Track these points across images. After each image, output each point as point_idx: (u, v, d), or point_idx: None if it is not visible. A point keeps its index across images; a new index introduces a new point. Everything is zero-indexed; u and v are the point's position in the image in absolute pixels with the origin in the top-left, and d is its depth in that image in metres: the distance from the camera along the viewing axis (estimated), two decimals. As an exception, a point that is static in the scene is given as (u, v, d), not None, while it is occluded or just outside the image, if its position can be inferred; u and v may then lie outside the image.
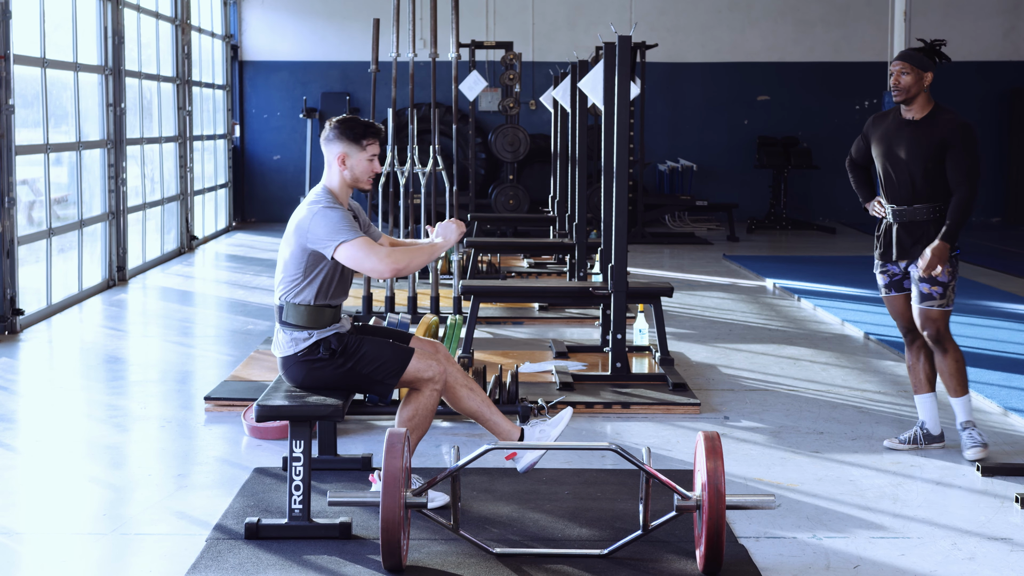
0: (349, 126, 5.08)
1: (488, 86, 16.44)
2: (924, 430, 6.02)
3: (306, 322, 5.00)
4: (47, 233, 9.97)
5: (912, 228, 5.79)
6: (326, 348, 4.99)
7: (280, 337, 5.07)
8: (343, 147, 5.07)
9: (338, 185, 5.09)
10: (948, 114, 5.75)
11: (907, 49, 5.83)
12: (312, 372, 5.02)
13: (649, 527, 4.54)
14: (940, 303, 5.77)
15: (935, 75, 5.83)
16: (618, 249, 7.23)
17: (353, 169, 5.08)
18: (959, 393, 5.87)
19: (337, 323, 5.07)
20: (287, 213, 17.88)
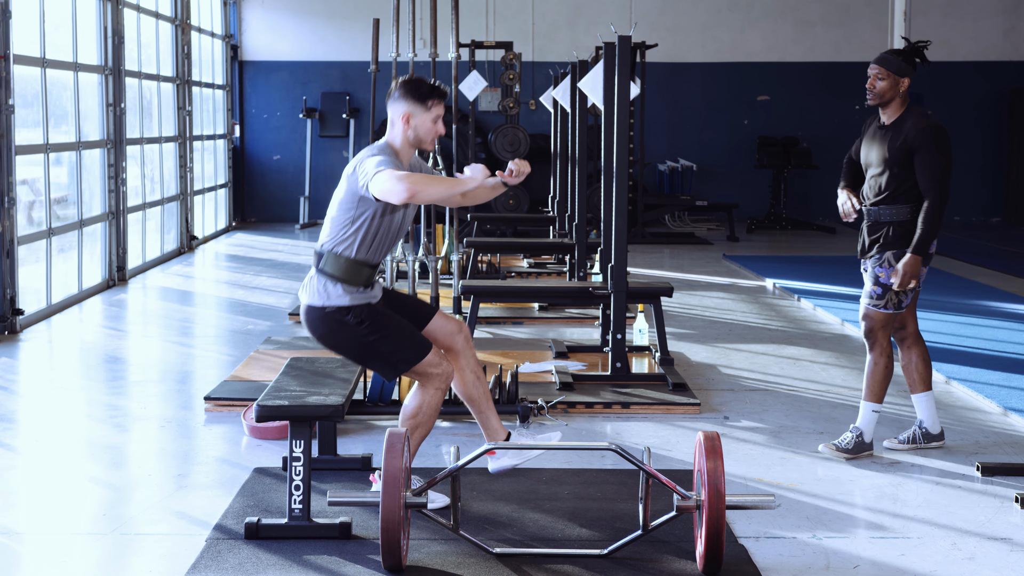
0: (415, 86, 5.08)
1: (488, 86, 16.46)
2: (923, 429, 6.02)
3: (343, 275, 4.97)
4: (47, 233, 9.97)
5: (874, 228, 5.82)
6: (356, 316, 4.97)
7: (313, 284, 5.01)
8: (408, 106, 5.06)
9: (400, 143, 5.08)
10: (917, 118, 5.73)
11: (886, 52, 5.80)
12: (334, 331, 4.98)
13: (649, 527, 4.54)
14: (876, 303, 5.78)
15: (933, 75, 5.83)
16: (618, 249, 7.23)
17: (417, 129, 5.07)
18: (866, 397, 5.85)
19: (371, 289, 5.05)
20: (287, 213, 17.91)
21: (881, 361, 5.83)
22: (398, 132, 5.08)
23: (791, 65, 18.21)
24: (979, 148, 18.32)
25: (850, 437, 5.85)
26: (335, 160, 17.91)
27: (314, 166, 17.85)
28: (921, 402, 6.01)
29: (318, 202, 17.82)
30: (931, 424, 6.02)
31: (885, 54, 5.78)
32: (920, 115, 5.75)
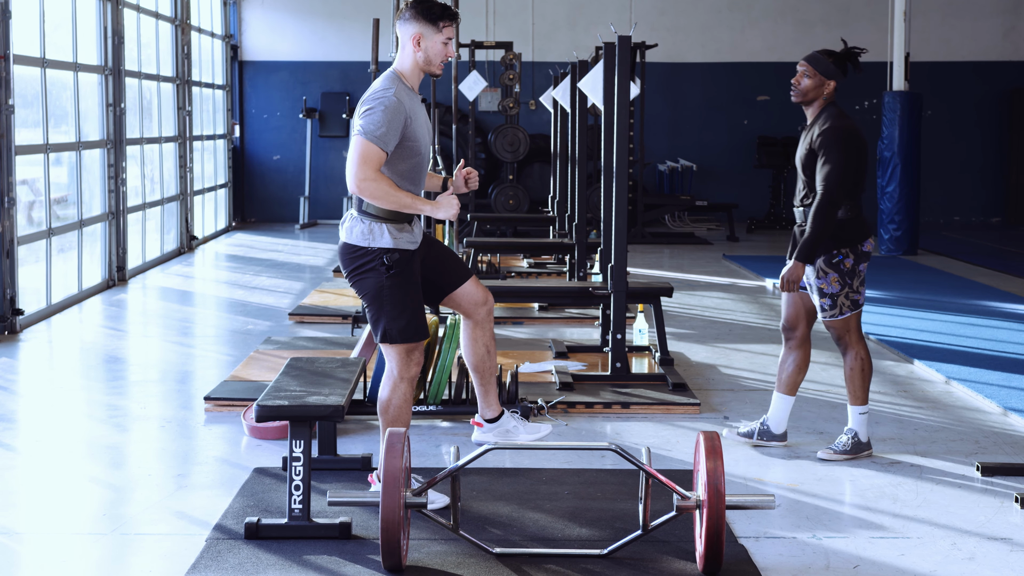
0: (427, 6, 5.03)
1: (488, 86, 16.46)
2: (765, 426, 6.02)
3: (387, 213, 4.96)
4: (47, 233, 9.97)
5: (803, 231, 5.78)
6: (390, 260, 4.97)
7: (357, 225, 5.00)
8: (419, 27, 5.02)
9: (409, 67, 5.05)
10: (829, 118, 5.69)
11: (817, 52, 5.79)
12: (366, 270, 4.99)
13: (649, 527, 4.54)
14: (831, 314, 5.74)
15: (933, 75, 5.84)
16: (618, 249, 7.23)
17: (427, 51, 5.04)
18: (853, 400, 5.82)
19: (412, 229, 5.04)
20: (287, 213, 17.91)
21: (857, 364, 5.80)
22: (408, 55, 5.04)
23: (791, 65, 18.09)
24: (979, 148, 18.32)
25: (846, 439, 5.83)
26: (335, 160, 17.91)
27: (314, 166, 17.85)
28: (778, 402, 5.98)
29: (318, 202, 17.82)
30: (776, 424, 6.01)
31: (816, 53, 5.77)
32: (833, 116, 5.69)
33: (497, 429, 5.68)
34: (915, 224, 14.27)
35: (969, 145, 18.24)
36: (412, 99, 5.02)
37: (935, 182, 17.91)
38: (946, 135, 18.15)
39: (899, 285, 11.66)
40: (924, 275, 12.49)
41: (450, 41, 5.08)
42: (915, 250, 14.27)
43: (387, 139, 4.89)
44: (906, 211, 14.16)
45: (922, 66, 16.97)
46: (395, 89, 4.96)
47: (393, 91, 4.95)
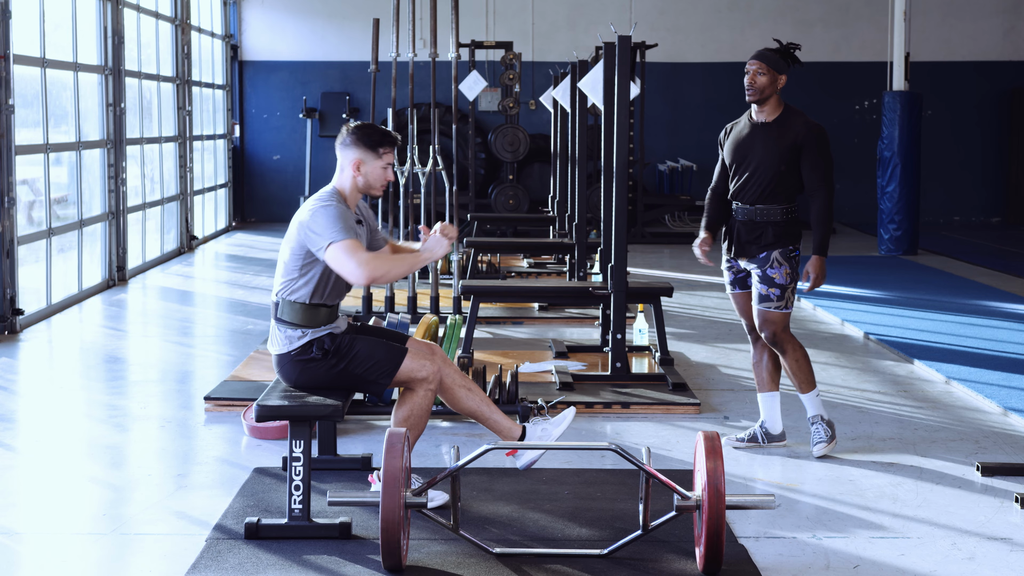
0: (367, 133, 5.09)
1: (488, 86, 16.45)
2: (763, 428, 6.04)
3: (301, 320, 5.00)
4: (47, 233, 9.97)
5: (752, 227, 5.80)
6: (319, 348, 4.99)
7: (275, 334, 5.07)
8: (359, 153, 5.08)
9: (349, 189, 5.10)
10: (800, 117, 5.77)
11: (764, 49, 5.82)
12: (305, 371, 5.02)
13: (649, 527, 4.54)
14: (777, 305, 5.79)
15: (933, 75, 5.86)
16: (618, 249, 7.23)
17: (367, 176, 5.09)
18: (804, 389, 5.88)
19: (332, 323, 5.07)
20: (287, 213, 17.88)
21: (798, 354, 5.84)
22: (347, 178, 5.10)
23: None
24: (979, 148, 18.32)
25: (821, 427, 5.84)
26: (335, 160, 17.83)
27: (314, 166, 17.85)
28: (765, 401, 6.02)
29: (318, 202, 17.80)
30: (772, 424, 6.03)
31: (765, 51, 5.79)
32: (801, 114, 5.80)
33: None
34: (915, 224, 14.27)
35: (969, 145, 18.24)
36: (349, 216, 5.04)
37: (935, 182, 17.91)
38: (946, 135, 18.15)
39: (899, 285, 11.66)
40: (924, 275, 12.49)
41: (389, 166, 5.12)
42: (915, 250, 14.27)
43: (347, 230, 4.91)
44: (906, 211, 14.16)
45: (922, 66, 16.97)
46: (335, 203, 4.99)
47: (334, 203, 4.98)
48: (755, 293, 5.84)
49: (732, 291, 6.03)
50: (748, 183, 5.81)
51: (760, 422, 6.05)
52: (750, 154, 5.80)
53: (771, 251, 5.77)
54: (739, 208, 5.85)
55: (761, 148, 5.76)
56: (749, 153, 5.80)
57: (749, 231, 5.81)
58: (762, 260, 5.79)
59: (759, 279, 5.81)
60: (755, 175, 5.78)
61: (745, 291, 5.96)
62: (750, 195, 5.81)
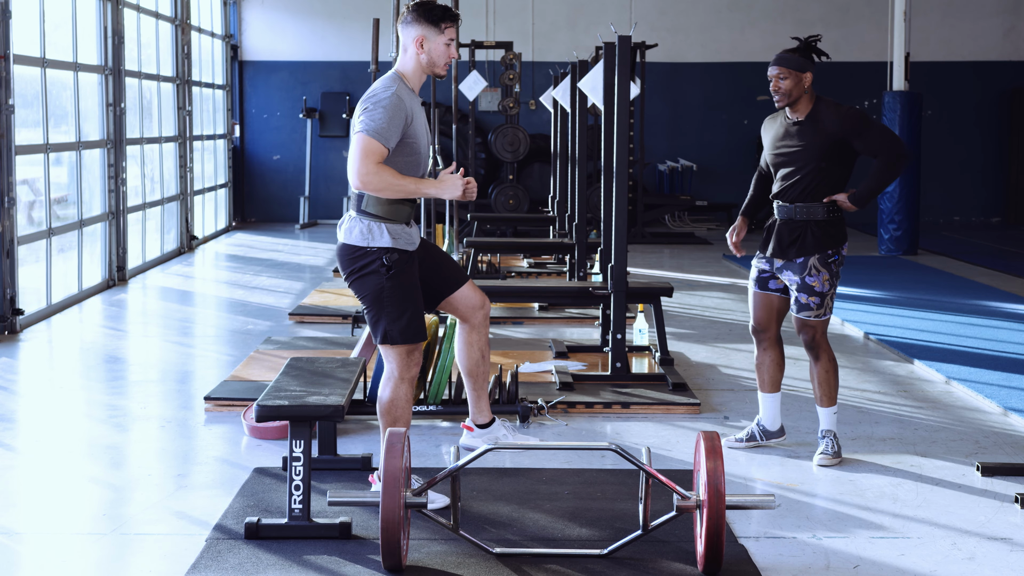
0: (428, 8, 5.06)
1: (488, 86, 16.45)
2: (760, 426, 6.03)
3: (387, 213, 4.97)
4: (47, 233, 9.97)
5: (792, 227, 5.74)
6: (389, 260, 4.97)
7: (356, 225, 5.01)
8: (421, 30, 5.04)
9: (412, 69, 5.06)
10: (831, 108, 5.69)
11: (783, 52, 5.71)
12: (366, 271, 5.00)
13: (649, 527, 4.54)
14: (817, 313, 5.74)
15: (933, 75, 5.84)
16: (618, 249, 7.23)
17: (431, 53, 5.06)
18: (825, 403, 5.81)
19: (411, 229, 5.06)
20: (287, 213, 17.91)
21: (830, 364, 5.81)
22: (411, 57, 5.06)
23: (791, 65, 18.17)
24: (979, 148, 18.32)
25: (830, 443, 5.82)
26: (335, 160, 17.91)
27: (314, 166, 17.85)
28: (765, 401, 6.00)
29: (318, 202, 17.82)
30: (770, 422, 6.02)
31: (782, 54, 5.70)
32: (834, 104, 5.72)
33: (486, 435, 5.69)
34: (915, 224, 14.27)
35: (969, 145, 18.24)
36: (413, 100, 5.04)
37: (935, 182, 17.91)
38: (946, 135, 18.15)
39: (899, 285, 11.66)
40: (924, 275, 12.50)
41: (452, 42, 5.10)
42: (915, 250, 14.27)
43: (388, 135, 4.90)
44: (906, 211, 14.16)
45: (922, 66, 16.97)
46: (396, 88, 4.98)
47: (394, 90, 4.97)
48: (793, 301, 5.77)
49: (754, 289, 5.95)
50: (788, 181, 5.75)
51: (756, 420, 6.05)
52: (788, 152, 5.75)
53: (809, 257, 5.70)
54: (780, 207, 5.80)
55: (798, 146, 5.71)
56: (786, 151, 5.75)
57: (790, 231, 5.74)
58: (800, 266, 5.72)
59: (798, 287, 5.74)
60: (794, 173, 5.73)
61: (765, 292, 5.89)
62: (790, 194, 5.75)
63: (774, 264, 5.83)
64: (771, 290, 5.89)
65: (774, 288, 5.88)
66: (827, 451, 5.79)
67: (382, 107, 4.90)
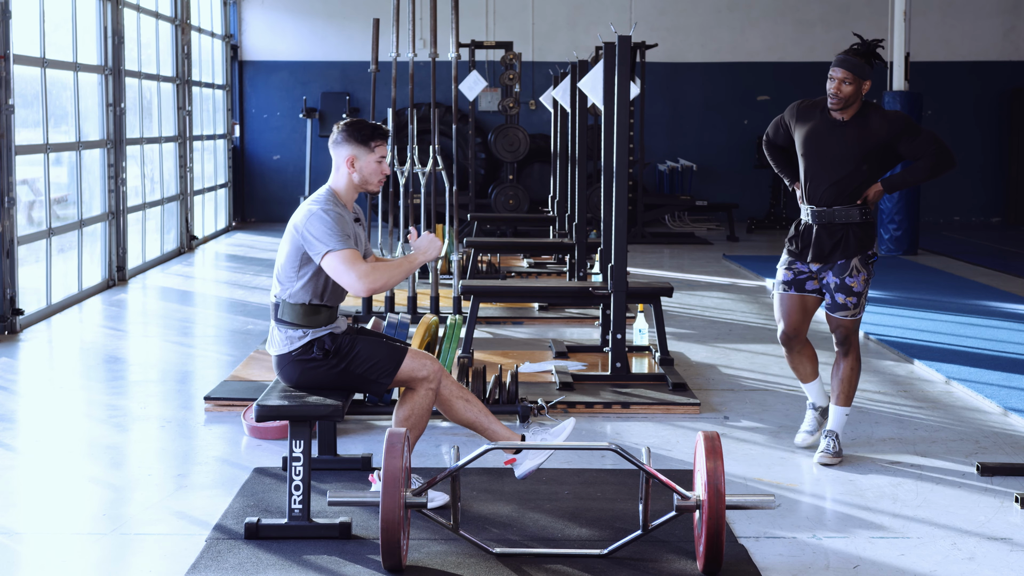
0: (357, 128, 5.09)
1: (488, 86, 16.45)
2: (817, 408, 6.05)
3: (301, 320, 5.01)
4: (47, 233, 9.97)
5: (833, 231, 5.70)
6: (320, 348, 4.99)
7: (275, 335, 5.08)
8: (352, 149, 5.08)
9: (344, 187, 5.10)
10: (877, 111, 5.67)
11: (848, 56, 5.61)
12: (306, 372, 5.02)
13: (649, 527, 4.54)
14: (854, 313, 5.75)
15: (933, 75, 5.85)
16: (618, 249, 7.23)
17: (362, 171, 5.09)
18: (843, 401, 5.82)
19: (333, 323, 5.07)
20: (287, 213, 17.88)
21: (857, 365, 5.82)
22: (343, 176, 5.10)
23: (791, 65, 18.21)
24: (979, 148, 18.32)
25: (834, 443, 5.80)
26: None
27: (314, 166, 17.85)
28: (815, 386, 6.03)
29: (318, 202, 17.80)
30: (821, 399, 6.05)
31: (850, 58, 5.60)
32: (879, 107, 5.71)
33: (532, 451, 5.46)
34: (915, 224, 14.27)
35: (969, 145, 18.23)
36: (347, 217, 5.04)
37: (935, 182, 17.90)
38: (946, 135, 18.12)
39: (899, 285, 11.66)
40: (924, 275, 12.49)
41: (383, 160, 5.11)
42: (915, 250, 14.27)
43: (345, 238, 4.92)
44: (906, 211, 14.16)
45: (922, 66, 16.97)
46: (332, 206, 4.99)
47: (331, 209, 4.97)
48: (829, 300, 5.76)
49: (786, 292, 5.86)
50: (826, 184, 5.70)
51: (811, 404, 6.05)
52: (827, 153, 5.69)
53: (851, 258, 5.68)
54: (817, 211, 5.72)
55: (840, 147, 5.66)
56: (826, 151, 5.69)
57: (831, 235, 5.70)
58: (841, 268, 5.70)
59: (836, 287, 5.72)
60: (833, 175, 5.68)
61: (801, 294, 5.84)
62: (827, 196, 5.70)
63: (813, 268, 5.80)
64: (808, 291, 5.84)
65: (811, 289, 5.84)
66: (828, 450, 5.79)
67: (326, 220, 4.92)
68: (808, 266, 5.80)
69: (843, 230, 5.70)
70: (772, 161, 6.10)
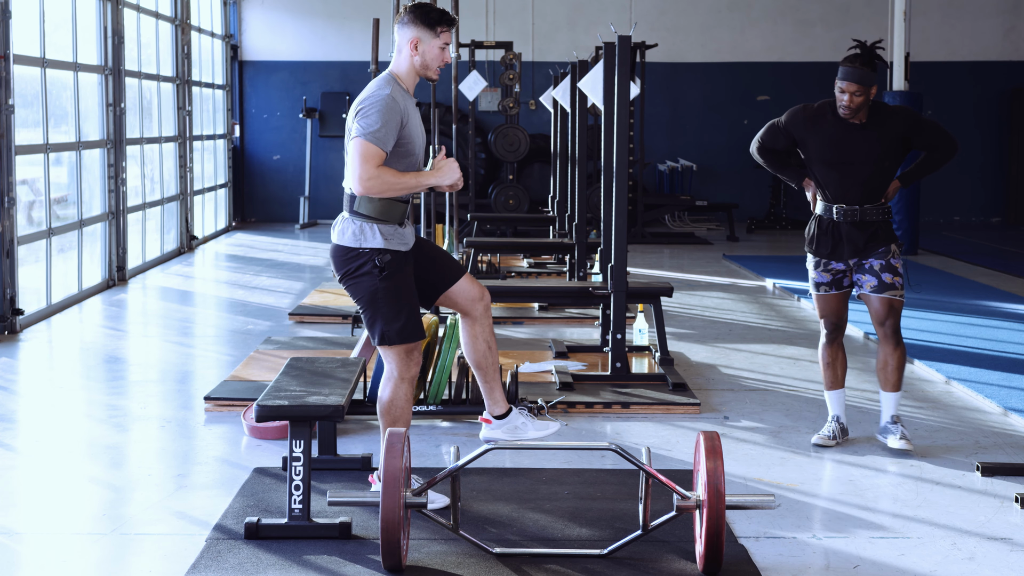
0: (425, 11, 5.06)
1: (488, 86, 16.45)
2: (841, 423, 6.09)
3: (379, 214, 4.97)
4: (47, 233, 9.97)
5: (864, 228, 5.85)
6: (381, 262, 4.98)
7: (348, 225, 5.00)
8: (417, 31, 5.04)
9: (406, 70, 5.06)
10: (888, 108, 5.84)
11: (854, 68, 5.70)
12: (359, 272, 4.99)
13: (649, 527, 4.54)
14: (901, 292, 5.92)
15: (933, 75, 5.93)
16: (618, 249, 7.23)
17: (424, 55, 5.05)
18: (896, 387, 5.98)
19: (404, 229, 5.05)
20: (287, 213, 17.91)
21: (904, 349, 6.01)
22: (404, 58, 5.06)
23: (791, 65, 18.21)
24: (979, 148, 18.32)
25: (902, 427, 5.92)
26: (335, 160, 17.91)
27: (314, 166, 17.85)
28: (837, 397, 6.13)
29: (318, 202, 17.82)
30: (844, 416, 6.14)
31: (856, 69, 5.69)
32: (884, 104, 5.88)
33: (506, 425, 5.55)
34: (915, 224, 14.27)
35: (969, 145, 18.23)
36: (407, 101, 5.04)
37: (935, 182, 17.88)
38: (946, 135, 18.13)
39: (899, 285, 11.65)
40: (924, 275, 12.49)
41: (447, 46, 5.11)
42: (915, 250, 14.27)
43: (385, 138, 4.90)
44: (906, 211, 14.16)
45: (922, 66, 16.97)
46: (391, 90, 4.97)
47: (389, 91, 4.96)
48: (875, 283, 5.88)
49: (826, 292, 6.01)
50: (851, 185, 5.83)
51: (834, 416, 6.09)
52: (850, 154, 5.80)
53: (888, 244, 5.87)
54: (846, 211, 5.85)
55: (862, 149, 5.79)
56: (851, 155, 5.80)
57: (862, 232, 5.84)
58: (883, 253, 5.87)
59: (881, 268, 5.87)
60: (860, 176, 5.81)
61: (842, 292, 6.00)
62: (855, 195, 5.83)
63: (851, 263, 5.92)
64: (846, 287, 6.01)
65: (847, 285, 6.00)
66: (904, 434, 5.92)
67: (376, 109, 4.90)
68: (846, 263, 5.92)
69: (872, 226, 5.85)
70: (770, 166, 6.15)
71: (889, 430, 5.96)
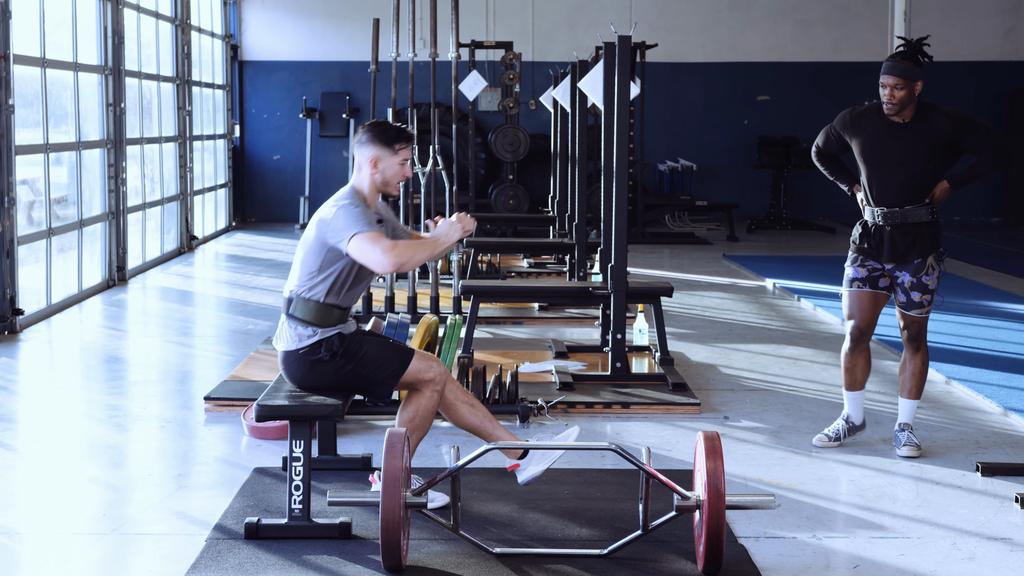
0: (382, 130, 5.12)
1: (488, 86, 16.44)
2: (849, 423, 6.06)
3: (313, 319, 5.00)
4: (47, 233, 9.97)
5: (906, 231, 5.80)
6: (328, 348, 4.99)
7: (284, 331, 5.07)
8: (376, 150, 5.09)
9: (367, 187, 5.12)
10: (935, 110, 5.77)
11: (897, 61, 5.70)
12: (312, 371, 5.02)
13: (649, 527, 4.54)
14: (927, 310, 5.85)
15: (933, 75, 5.88)
16: (618, 249, 7.23)
17: (384, 172, 5.11)
18: (916, 395, 5.93)
19: (343, 323, 5.07)
20: (287, 213, 17.91)
21: (927, 358, 5.94)
22: (365, 176, 5.11)
23: (791, 65, 18.21)
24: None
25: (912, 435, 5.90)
26: (335, 160, 17.91)
27: (314, 166, 17.85)
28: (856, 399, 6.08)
29: (318, 202, 17.80)
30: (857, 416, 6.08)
31: (898, 64, 5.68)
32: (935, 106, 5.81)
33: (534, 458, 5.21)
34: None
35: (969, 145, 18.22)
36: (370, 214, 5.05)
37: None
38: (946, 135, 18.13)
39: (899, 285, 11.65)
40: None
41: (406, 162, 5.15)
42: (915, 250, 14.25)
43: (370, 223, 4.94)
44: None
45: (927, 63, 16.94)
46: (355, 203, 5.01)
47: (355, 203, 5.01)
48: (904, 299, 5.83)
49: (859, 288, 5.92)
50: (893, 186, 5.78)
51: (845, 416, 6.06)
52: (892, 155, 5.77)
53: (927, 256, 5.79)
54: (888, 213, 5.80)
55: (905, 148, 5.74)
56: (891, 155, 5.77)
57: (904, 235, 5.79)
58: (917, 267, 5.79)
59: (911, 286, 5.80)
60: (901, 176, 5.76)
61: (874, 291, 5.91)
62: (898, 198, 5.78)
63: (888, 267, 5.87)
64: (880, 288, 5.91)
65: (883, 287, 5.91)
66: (911, 443, 5.89)
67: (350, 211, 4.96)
68: (884, 266, 5.87)
69: (915, 230, 5.79)
70: (825, 170, 6.17)
71: (896, 437, 5.95)
